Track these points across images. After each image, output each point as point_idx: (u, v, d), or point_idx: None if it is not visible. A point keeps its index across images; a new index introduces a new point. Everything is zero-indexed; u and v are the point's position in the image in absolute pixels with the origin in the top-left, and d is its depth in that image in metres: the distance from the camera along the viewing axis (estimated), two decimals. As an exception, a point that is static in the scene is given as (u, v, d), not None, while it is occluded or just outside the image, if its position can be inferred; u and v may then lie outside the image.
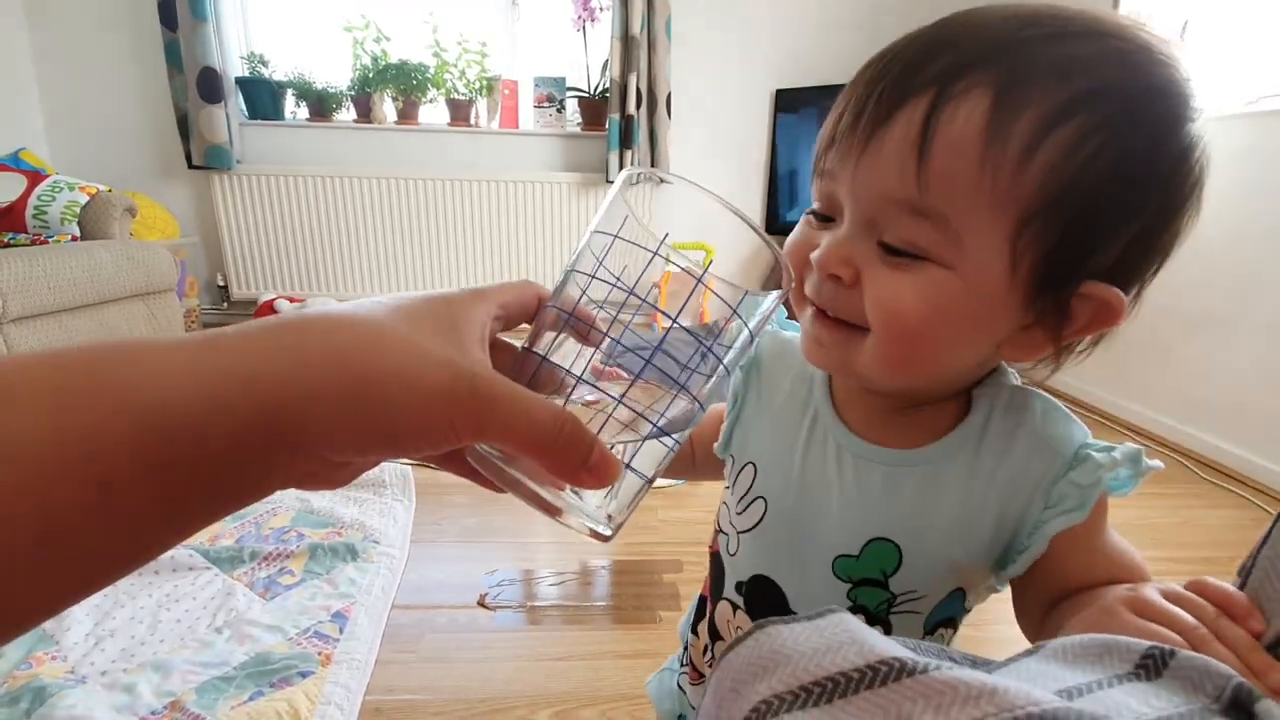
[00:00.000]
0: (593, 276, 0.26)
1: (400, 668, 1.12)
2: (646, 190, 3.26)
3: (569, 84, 3.22)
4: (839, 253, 0.36)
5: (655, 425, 0.26)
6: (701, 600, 0.57)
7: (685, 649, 0.60)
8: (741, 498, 0.49)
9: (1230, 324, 2.05)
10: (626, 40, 3.00)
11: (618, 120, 3.07)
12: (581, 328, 0.27)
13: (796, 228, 0.42)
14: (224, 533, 1.46)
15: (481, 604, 1.29)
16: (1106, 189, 0.32)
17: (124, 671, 1.05)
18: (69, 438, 0.17)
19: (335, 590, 1.28)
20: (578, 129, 3.27)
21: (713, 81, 3.23)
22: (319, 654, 1.11)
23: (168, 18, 2.83)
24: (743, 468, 0.49)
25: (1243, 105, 2.10)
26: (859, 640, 0.19)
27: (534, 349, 0.27)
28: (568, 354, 0.27)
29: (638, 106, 3.08)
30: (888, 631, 0.43)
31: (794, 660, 0.19)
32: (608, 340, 0.26)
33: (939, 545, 0.41)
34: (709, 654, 0.54)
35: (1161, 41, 0.33)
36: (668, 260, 0.25)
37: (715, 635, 0.52)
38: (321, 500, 1.60)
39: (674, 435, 0.27)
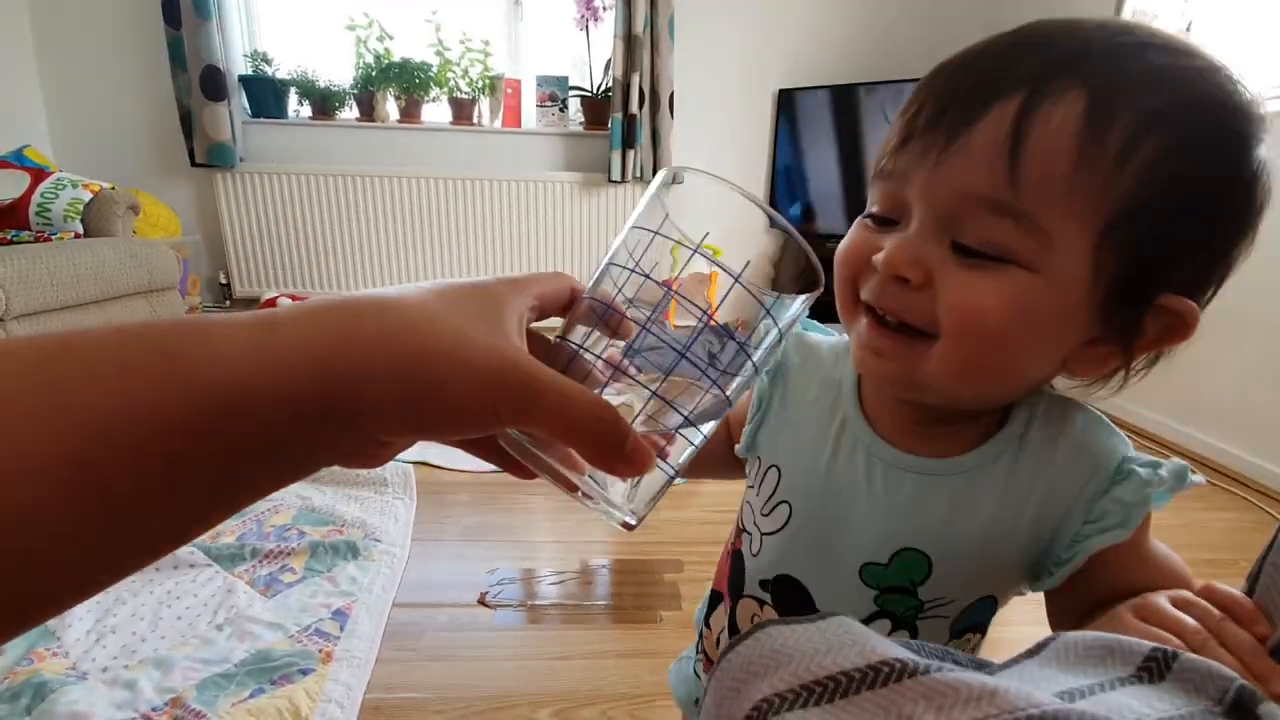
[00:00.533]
0: (632, 270, 0.26)
1: (401, 666, 1.12)
2: (638, 190, 3.26)
3: (571, 83, 3.23)
4: (909, 253, 0.35)
5: (686, 417, 0.26)
6: (715, 595, 0.57)
7: (700, 638, 0.60)
8: (767, 500, 0.48)
9: (1235, 325, 2.05)
10: (629, 39, 3.00)
11: (620, 119, 3.07)
12: (614, 321, 0.27)
13: (852, 231, 0.40)
14: (225, 530, 1.46)
15: (482, 602, 1.29)
16: (1193, 200, 0.32)
17: (125, 668, 1.05)
18: (135, 415, 0.17)
19: (336, 588, 1.28)
20: (580, 128, 3.27)
21: (715, 81, 3.23)
22: (320, 651, 1.11)
23: (171, 16, 2.84)
24: (767, 470, 0.48)
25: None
26: (860, 641, 0.19)
27: (569, 339, 0.27)
28: (599, 346, 0.27)
29: (640, 106, 3.08)
30: (914, 636, 0.43)
31: (795, 660, 0.19)
32: (643, 334, 0.26)
33: (971, 556, 0.41)
34: (720, 647, 0.54)
35: (1228, 65, 0.33)
36: (711, 261, 0.26)
37: (735, 631, 0.52)
38: (322, 498, 1.60)
39: (701, 430, 0.27)
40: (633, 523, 0.27)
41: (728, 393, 0.27)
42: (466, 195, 3.18)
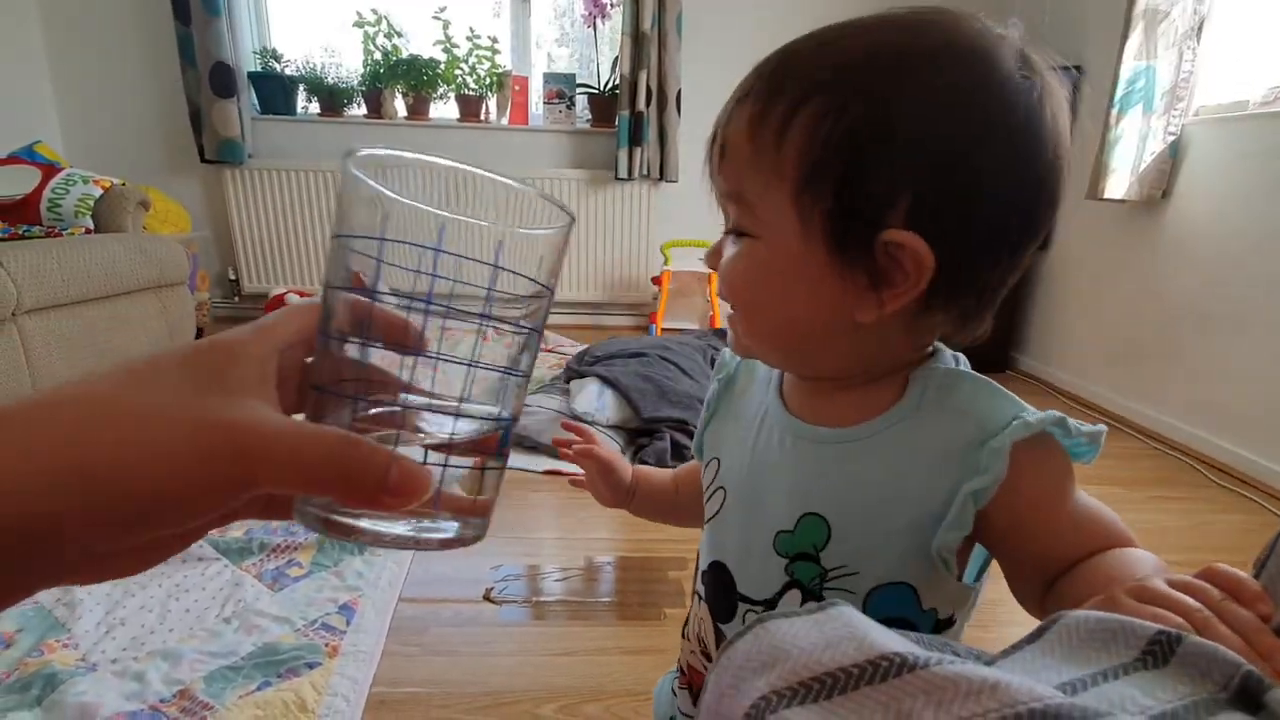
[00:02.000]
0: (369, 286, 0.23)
1: (406, 660, 1.12)
2: (644, 187, 3.25)
3: (579, 80, 3.22)
4: (713, 247, 0.45)
5: (457, 410, 0.24)
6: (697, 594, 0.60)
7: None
8: (707, 489, 0.53)
9: (1242, 326, 2.03)
10: (637, 37, 2.99)
11: (627, 117, 3.07)
12: (365, 336, 0.24)
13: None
14: (234, 524, 1.47)
15: (487, 598, 1.29)
16: (866, 146, 0.37)
17: (134, 660, 1.06)
18: None
19: (342, 582, 1.28)
20: (587, 125, 3.27)
21: (723, 78, 3.21)
22: (326, 645, 1.11)
23: (181, 12, 2.85)
24: (709, 464, 0.54)
25: (1258, 104, 2.07)
26: (858, 636, 0.19)
27: (311, 380, 0.24)
28: (381, 361, 0.24)
29: (647, 103, 3.07)
30: None
31: (793, 656, 0.19)
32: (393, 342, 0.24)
33: (864, 520, 0.43)
34: (692, 654, 0.56)
35: (949, 13, 0.38)
36: (441, 240, 0.22)
37: (687, 635, 0.56)
38: (329, 493, 1.61)
39: (497, 411, 0.25)
40: (472, 534, 0.25)
41: (497, 357, 0.24)
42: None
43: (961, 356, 0.46)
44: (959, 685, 0.16)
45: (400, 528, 0.23)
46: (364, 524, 0.22)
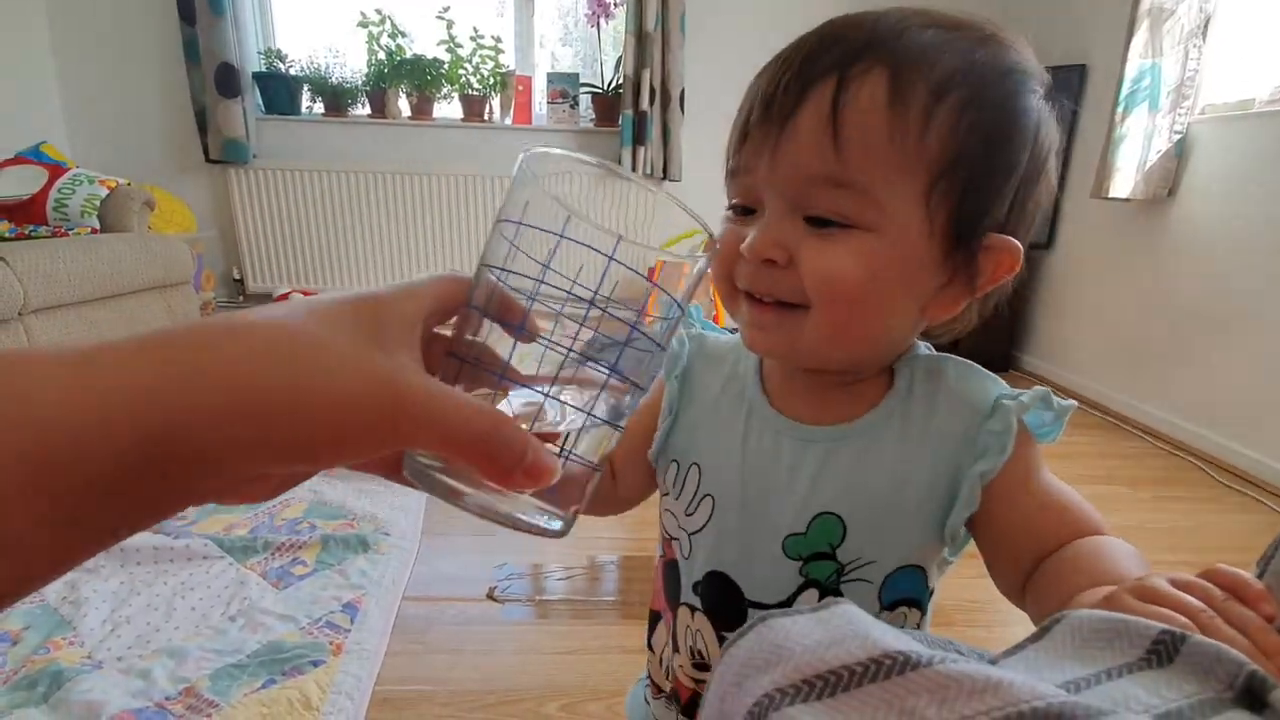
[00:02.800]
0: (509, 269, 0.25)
1: (410, 658, 1.13)
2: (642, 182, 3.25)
3: (582, 80, 3.22)
4: (770, 237, 0.39)
5: (589, 414, 0.25)
6: (654, 615, 0.58)
7: (648, 663, 0.60)
8: (691, 499, 0.49)
9: (1248, 325, 2.02)
10: (640, 36, 2.99)
11: (631, 116, 3.06)
12: (507, 321, 0.26)
13: (720, 225, 0.43)
14: (238, 523, 1.47)
15: (490, 597, 1.30)
16: (991, 147, 0.38)
17: (139, 657, 1.07)
18: None
19: (346, 581, 1.29)
20: (591, 125, 3.27)
21: (727, 78, 3.21)
22: (330, 643, 1.12)
23: (186, 13, 2.86)
24: (688, 471, 0.50)
25: (1264, 102, 2.06)
26: (862, 633, 0.19)
27: (456, 350, 0.26)
28: (501, 349, 0.25)
29: (651, 103, 3.07)
30: None
31: (796, 654, 0.19)
32: (542, 333, 0.25)
33: (878, 511, 0.43)
34: (665, 667, 0.54)
35: (1002, 30, 0.40)
36: (614, 253, 0.24)
37: (675, 647, 0.52)
38: (334, 492, 1.61)
39: (618, 421, 0.26)
40: (559, 528, 0.26)
41: (632, 375, 0.26)
42: (477, 192, 3.19)
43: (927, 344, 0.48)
44: (963, 684, 0.16)
45: (505, 505, 0.24)
46: (470, 491, 0.24)
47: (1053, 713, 0.15)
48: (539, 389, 0.25)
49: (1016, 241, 0.39)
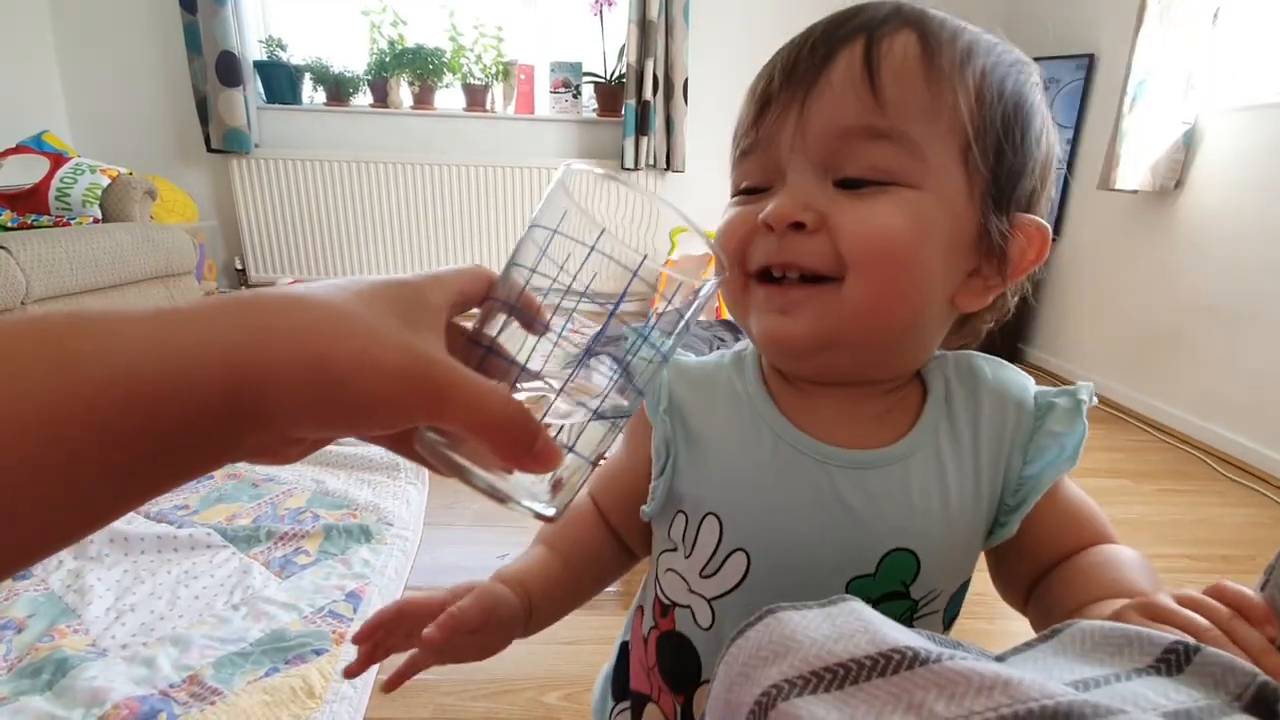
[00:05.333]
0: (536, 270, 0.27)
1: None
2: (651, 177, 3.24)
3: (585, 69, 3.21)
4: (799, 198, 0.35)
5: (594, 412, 0.27)
6: (636, 697, 0.49)
7: None
8: (710, 557, 0.41)
9: (1255, 318, 2.01)
10: (643, 25, 2.97)
11: (634, 106, 3.05)
12: (527, 317, 0.27)
13: (727, 211, 0.40)
14: (241, 513, 1.48)
15: (493, 587, 1.30)
16: (1015, 119, 0.36)
17: (143, 645, 1.07)
18: (25, 407, 0.17)
19: (349, 570, 1.29)
20: (594, 115, 3.25)
21: (730, 67, 3.19)
22: (333, 632, 1.12)
23: (187, 1, 2.84)
24: (701, 523, 0.42)
25: (1273, 95, 2.04)
26: (871, 629, 0.19)
27: (479, 339, 0.27)
28: (515, 342, 0.27)
29: (654, 92, 3.06)
30: None
31: (805, 647, 0.19)
32: (552, 331, 0.27)
33: (949, 536, 0.39)
34: None
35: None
36: (639, 270, 0.26)
37: None
38: (336, 482, 1.62)
39: (618, 419, 0.28)
40: (550, 514, 0.27)
41: (637, 379, 0.28)
42: (479, 182, 3.18)
43: None
44: (971, 680, 0.16)
45: (508, 487, 0.26)
46: (478, 470, 0.26)
47: (1061, 710, 0.15)
48: (550, 383, 0.26)
49: (1044, 222, 0.38)
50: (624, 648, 0.54)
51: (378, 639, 0.40)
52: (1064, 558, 0.40)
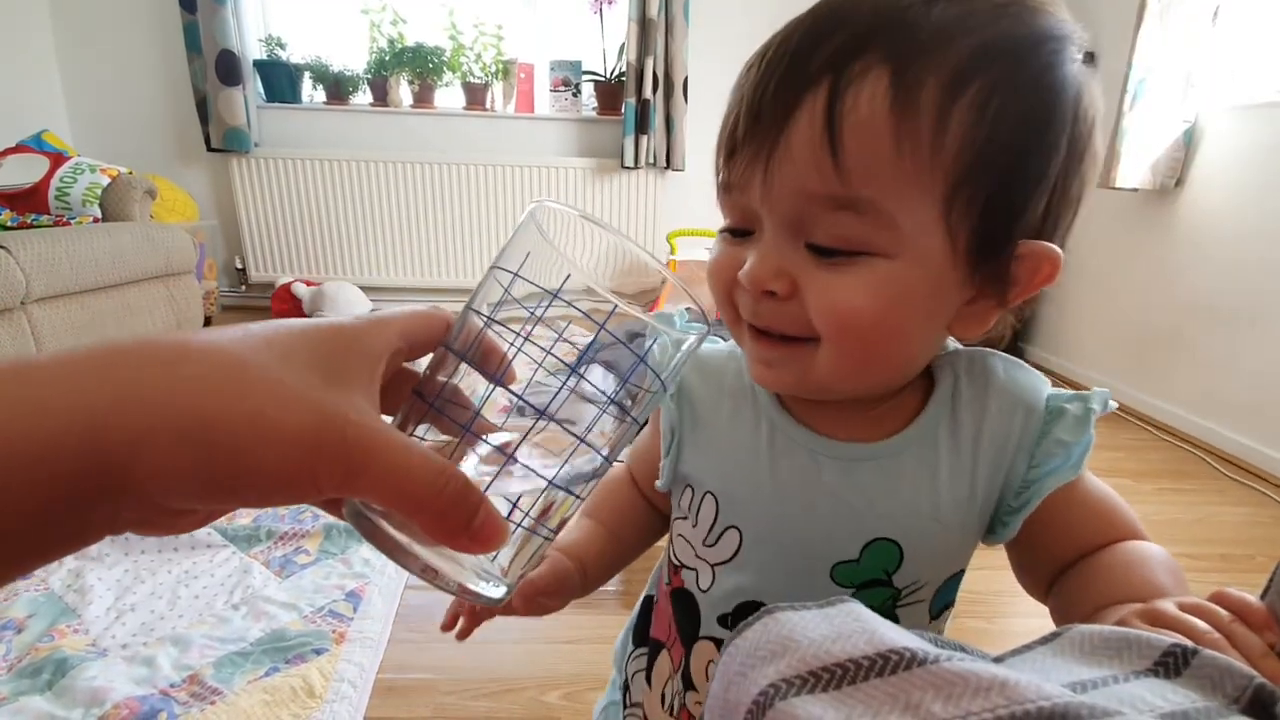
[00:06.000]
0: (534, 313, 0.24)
1: (413, 647, 1.13)
2: (651, 176, 3.24)
3: (585, 68, 3.20)
4: (769, 266, 0.34)
5: (550, 481, 0.23)
6: (654, 644, 0.52)
7: (625, 689, 0.56)
8: (709, 530, 0.45)
9: (1255, 317, 2.01)
10: (643, 23, 2.97)
11: (634, 105, 3.05)
12: (484, 367, 0.24)
13: (716, 246, 0.40)
14: (242, 512, 1.48)
15: (493, 586, 1.30)
16: (1021, 143, 0.32)
17: (144, 645, 1.08)
18: None
19: (349, 570, 1.29)
20: (593, 113, 3.25)
21: (731, 65, 3.17)
22: (333, 632, 1.12)
23: (187, 1, 2.84)
24: (703, 499, 0.45)
25: (1273, 94, 2.04)
26: (869, 629, 0.19)
27: (424, 392, 0.24)
28: (468, 394, 0.24)
29: (654, 91, 3.05)
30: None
31: (803, 646, 0.19)
32: (510, 387, 0.24)
33: (936, 531, 0.40)
34: (670, 704, 0.49)
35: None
36: (606, 323, 0.23)
37: (689, 684, 0.47)
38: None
39: (577, 491, 0.25)
40: (496, 597, 0.24)
41: (603, 446, 0.24)
42: (479, 180, 3.18)
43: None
44: (968, 681, 0.16)
45: (446, 565, 0.23)
46: (411, 547, 0.22)
47: (1058, 711, 0.15)
48: (504, 446, 0.23)
49: (1055, 248, 0.35)
50: (648, 600, 0.58)
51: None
52: (1086, 553, 0.39)
